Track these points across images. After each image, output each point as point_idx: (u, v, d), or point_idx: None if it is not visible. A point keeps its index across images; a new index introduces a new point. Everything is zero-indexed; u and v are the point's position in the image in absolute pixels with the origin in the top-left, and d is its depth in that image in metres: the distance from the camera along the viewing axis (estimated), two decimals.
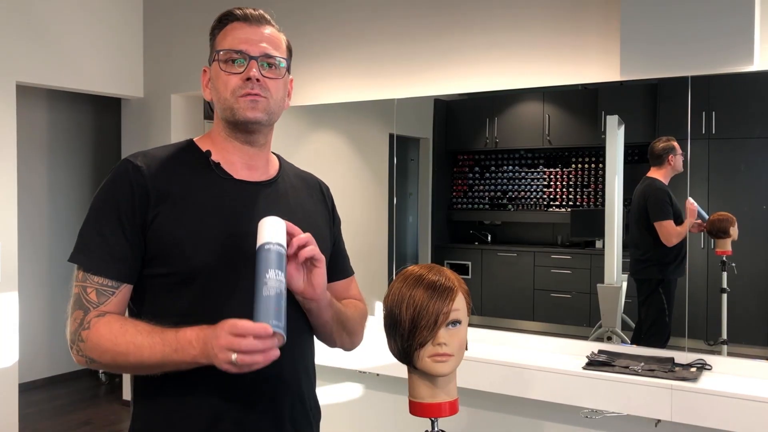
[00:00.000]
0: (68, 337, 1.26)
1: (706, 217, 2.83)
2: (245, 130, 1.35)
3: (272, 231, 1.20)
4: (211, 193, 1.33)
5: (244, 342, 1.09)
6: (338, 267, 1.54)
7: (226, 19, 1.37)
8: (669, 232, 2.91)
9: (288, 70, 1.39)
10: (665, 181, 2.92)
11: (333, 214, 1.55)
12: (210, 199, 1.32)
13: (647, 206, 2.97)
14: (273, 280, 1.14)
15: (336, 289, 1.49)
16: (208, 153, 1.37)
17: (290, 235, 1.24)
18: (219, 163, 1.36)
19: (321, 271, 1.27)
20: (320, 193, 1.54)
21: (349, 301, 1.52)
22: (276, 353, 1.11)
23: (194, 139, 1.42)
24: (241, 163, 1.38)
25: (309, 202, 1.49)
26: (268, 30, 1.37)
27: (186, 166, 1.34)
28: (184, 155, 1.37)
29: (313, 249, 1.25)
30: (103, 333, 1.21)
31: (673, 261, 2.92)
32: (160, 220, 1.27)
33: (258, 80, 1.31)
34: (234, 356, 1.09)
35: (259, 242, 1.20)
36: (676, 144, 2.84)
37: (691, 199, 2.79)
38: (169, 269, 1.27)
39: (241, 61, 1.32)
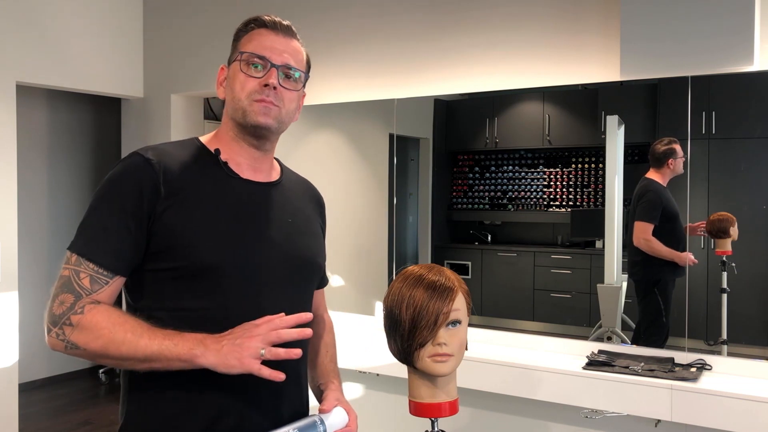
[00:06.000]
0: (48, 318, 1.23)
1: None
2: (254, 134, 1.37)
3: (332, 414, 1.36)
4: (220, 190, 1.34)
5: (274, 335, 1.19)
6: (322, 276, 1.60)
7: (253, 24, 1.40)
8: (641, 233, 2.91)
9: (304, 84, 1.42)
10: (663, 182, 2.91)
11: (325, 224, 1.61)
12: (219, 197, 1.34)
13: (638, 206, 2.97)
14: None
15: (315, 298, 1.54)
16: (217, 152, 1.38)
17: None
18: (227, 162, 1.38)
19: None
20: (317, 202, 1.59)
21: (331, 342, 1.62)
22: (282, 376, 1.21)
23: (200, 138, 1.44)
24: (247, 164, 1.40)
25: (308, 208, 1.53)
26: (292, 42, 1.41)
27: (195, 163, 1.35)
28: (192, 152, 1.38)
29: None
30: (99, 320, 1.21)
31: (667, 262, 2.91)
32: (169, 214, 1.27)
33: (275, 88, 1.34)
34: (263, 350, 1.17)
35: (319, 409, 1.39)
36: (677, 147, 2.83)
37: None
38: (174, 263, 1.27)
39: (262, 66, 1.35)
